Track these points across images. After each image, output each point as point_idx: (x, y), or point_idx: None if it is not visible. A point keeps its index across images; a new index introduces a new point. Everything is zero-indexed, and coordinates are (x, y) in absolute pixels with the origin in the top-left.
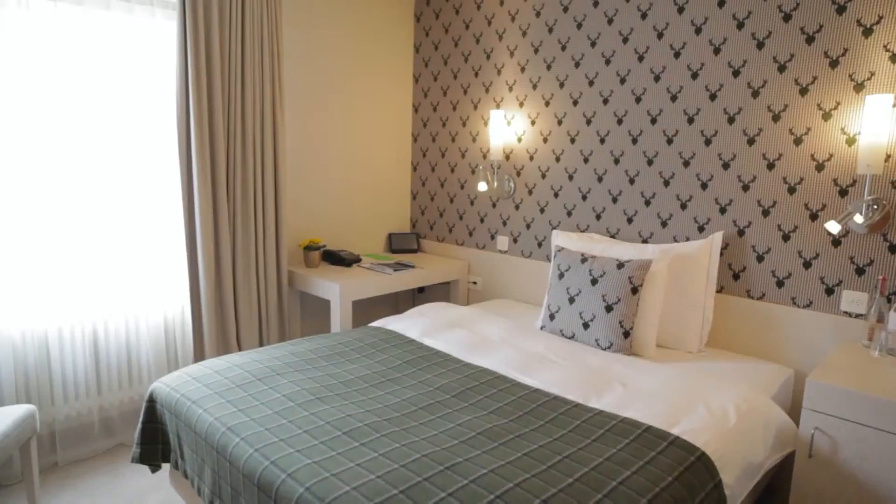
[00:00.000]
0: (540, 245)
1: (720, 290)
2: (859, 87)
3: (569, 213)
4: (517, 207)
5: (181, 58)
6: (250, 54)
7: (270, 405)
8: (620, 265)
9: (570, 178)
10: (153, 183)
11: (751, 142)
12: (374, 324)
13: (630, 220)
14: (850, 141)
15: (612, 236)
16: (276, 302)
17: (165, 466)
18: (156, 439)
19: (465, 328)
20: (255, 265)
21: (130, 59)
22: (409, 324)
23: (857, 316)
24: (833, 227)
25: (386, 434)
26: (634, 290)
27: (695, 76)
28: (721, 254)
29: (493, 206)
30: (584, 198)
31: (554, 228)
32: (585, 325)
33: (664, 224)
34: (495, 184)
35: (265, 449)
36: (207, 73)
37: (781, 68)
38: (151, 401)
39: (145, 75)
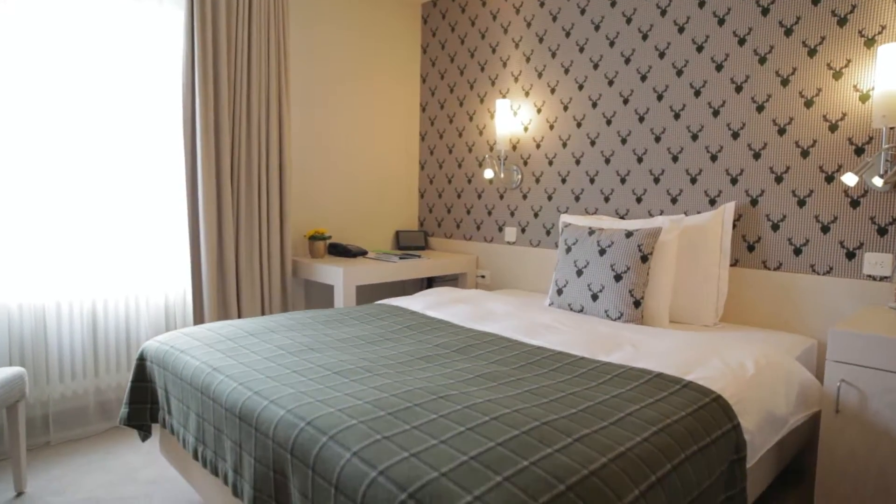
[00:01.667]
0: (548, 233)
1: (735, 263)
2: (870, 43)
3: (577, 198)
4: (525, 197)
5: (188, 45)
6: (256, 44)
7: (260, 353)
8: (629, 234)
9: (577, 162)
10: (158, 167)
11: (760, 109)
12: (378, 302)
13: (639, 200)
14: (864, 97)
15: (622, 217)
16: (279, 288)
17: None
18: (144, 399)
19: (470, 304)
20: (259, 251)
21: (137, 43)
22: (414, 301)
23: (882, 279)
24: (850, 179)
25: (379, 374)
26: (644, 259)
27: (700, 49)
28: (734, 226)
29: (501, 197)
30: (592, 181)
31: (562, 214)
32: (594, 297)
33: (674, 200)
34: (502, 175)
35: (250, 382)
36: (214, 61)
37: (788, 32)
38: (142, 359)
39: (152, 60)
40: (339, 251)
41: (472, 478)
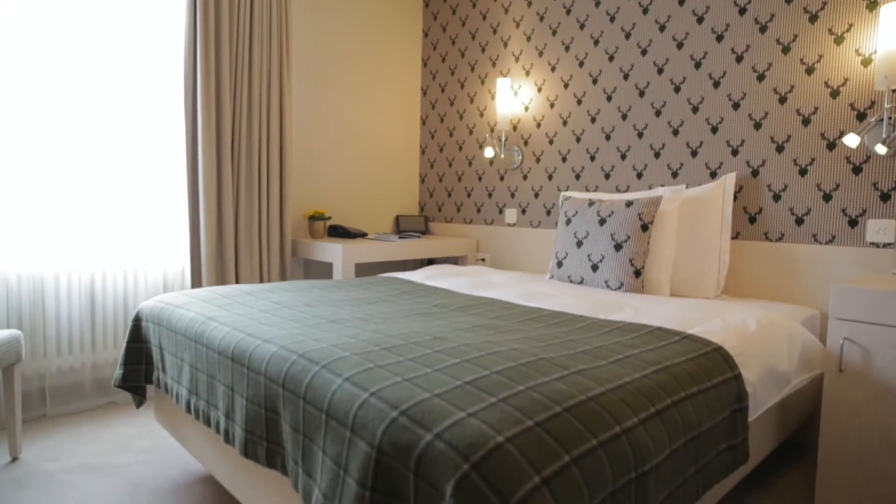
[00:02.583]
0: (549, 213)
1: (736, 236)
2: (872, 6)
3: (577, 177)
4: (525, 177)
5: (190, 24)
6: (258, 24)
7: (257, 307)
8: (629, 203)
9: (578, 140)
10: (160, 144)
11: (760, 78)
12: (378, 276)
13: (640, 175)
14: (866, 62)
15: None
16: (278, 267)
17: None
18: (139, 360)
19: (469, 276)
20: (258, 230)
21: (140, 22)
22: (413, 274)
23: (885, 245)
24: (852, 140)
25: (375, 322)
26: (644, 227)
27: (700, 20)
28: (735, 198)
29: (501, 178)
30: (592, 158)
31: (563, 192)
32: (594, 268)
33: (675, 174)
34: (503, 155)
35: (244, 327)
36: (216, 41)
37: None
38: (137, 319)
39: (154, 39)
40: (339, 233)
41: (466, 398)
